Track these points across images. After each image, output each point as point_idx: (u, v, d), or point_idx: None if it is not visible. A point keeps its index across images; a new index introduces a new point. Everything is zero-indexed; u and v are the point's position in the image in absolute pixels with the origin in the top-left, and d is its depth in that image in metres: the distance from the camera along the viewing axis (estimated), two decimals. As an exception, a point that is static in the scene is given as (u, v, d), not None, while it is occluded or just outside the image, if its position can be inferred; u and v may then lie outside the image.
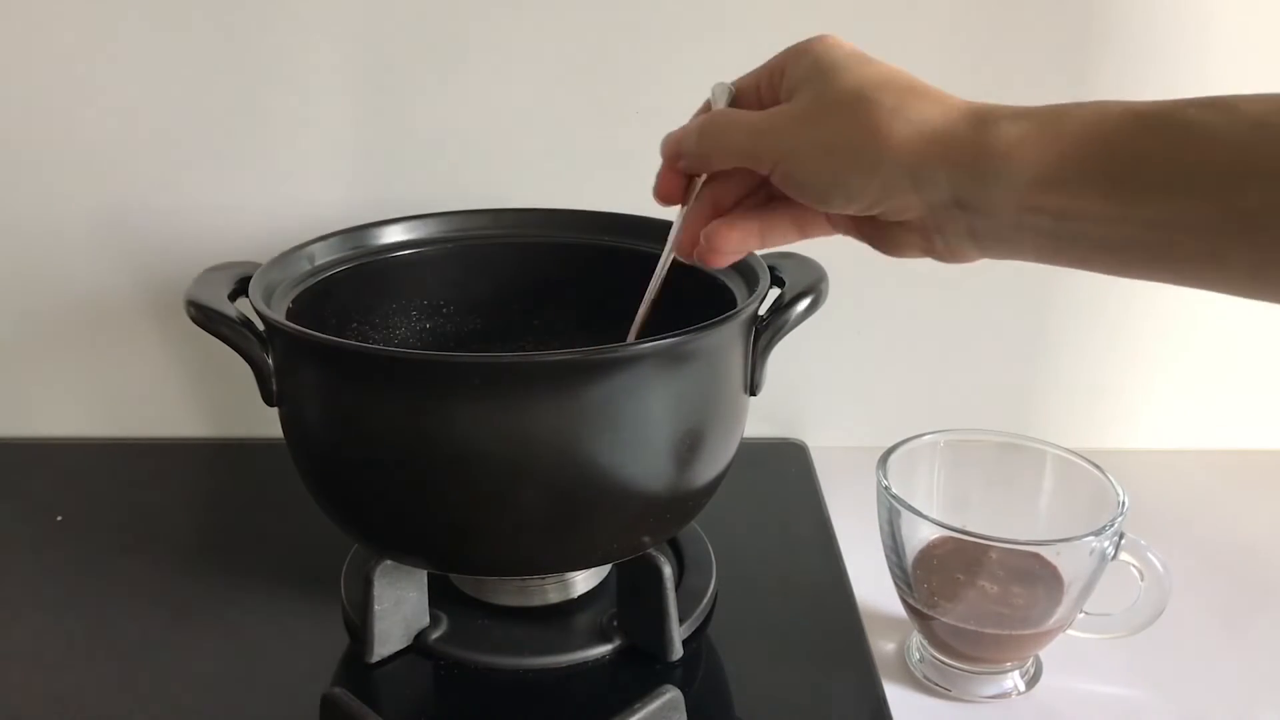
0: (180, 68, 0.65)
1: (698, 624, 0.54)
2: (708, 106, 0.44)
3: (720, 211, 0.44)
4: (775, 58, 0.42)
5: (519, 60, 0.66)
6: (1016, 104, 0.36)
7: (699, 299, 0.52)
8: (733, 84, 0.44)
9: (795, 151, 0.39)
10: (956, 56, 0.65)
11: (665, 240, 0.48)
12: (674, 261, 0.49)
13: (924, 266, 0.70)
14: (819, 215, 0.42)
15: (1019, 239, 0.37)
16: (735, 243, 0.43)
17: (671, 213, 0.59)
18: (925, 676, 0.52)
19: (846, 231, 0.43)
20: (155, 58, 0.65)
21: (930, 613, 0.49)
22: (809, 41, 0.40)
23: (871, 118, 0.37)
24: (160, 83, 0.66)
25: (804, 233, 0.44)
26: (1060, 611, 0.48)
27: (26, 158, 0.67)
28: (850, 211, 0.39)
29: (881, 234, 0.41)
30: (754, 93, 0.43)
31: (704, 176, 0.45)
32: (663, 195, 0.45)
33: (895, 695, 0.51)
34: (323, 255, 0.56)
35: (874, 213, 0.39)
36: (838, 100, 0.38)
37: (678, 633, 0.51)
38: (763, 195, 0.44)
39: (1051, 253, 0.36)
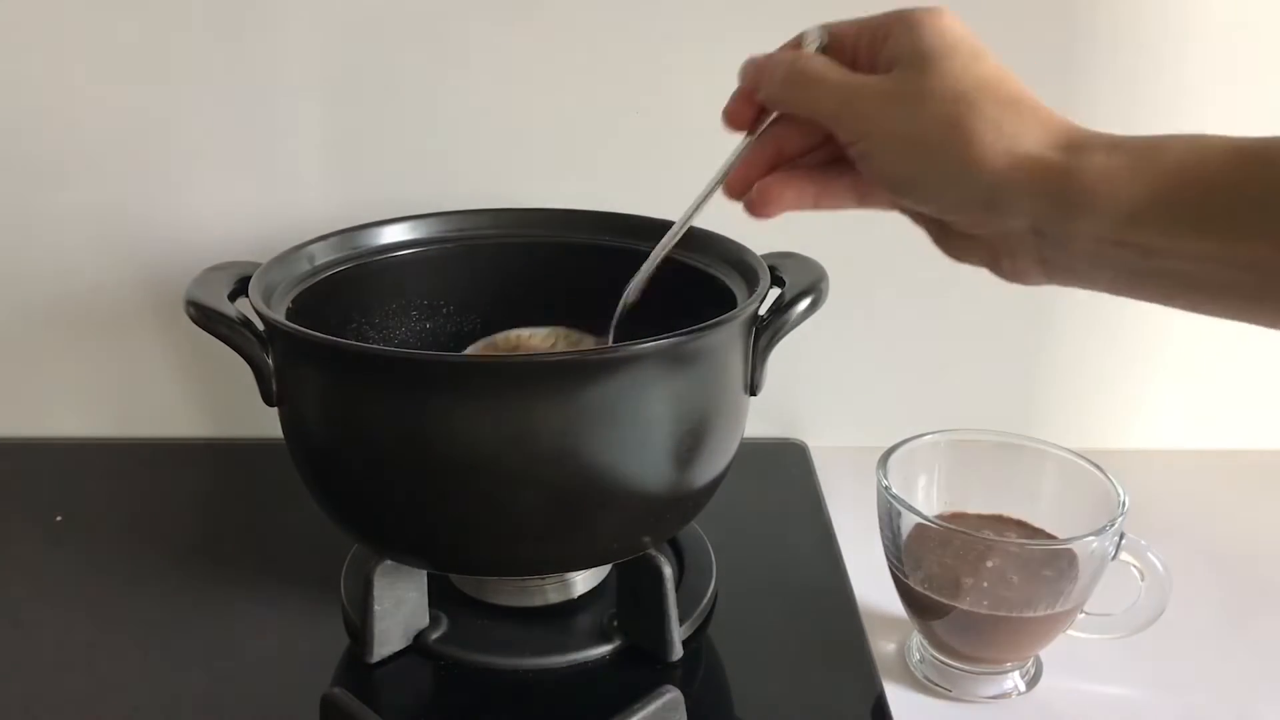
0: (180, 68, 0.65)
1: (698, 624, 0.54)
2: (798, 42, 0.41)
3: (783, 156, 0.42)
4: (880, 16, 0.38)
5: (519, 60, 0.66)
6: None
7: (699, 299, 0.52)
8: (827, 28, 0.40)
9: (879, 134, 0.37)
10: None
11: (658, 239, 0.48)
12: (670, 259, 0.49)
13: (924, 267, 0.70)
14: (883, 191, 0.40)
15: (1094, 272, 0.35)
16: (788, 201, 0.41)
17: (668, 211, 0.59)
18: (925, 676, 0.52)
19: (908, 214, 0.40)
20: (155, 58, 0.65)
21: (935, 596, 0.49)
22: (921, 12, 0.37)
23: (967, 125, 0.34)
24: (160, 83, 0.66)
25: (863, 203, 0.42)
26: (1061, 605, 0.48)
27: (26, 158, 0.67)
28: (922, 210, 0.38)
29: (945, 235, 0.39)
30: (850, 45, 0.40)
31: (775, 113, 0.42)
32: (731, 121, 0.43)
33: (895, 695, 0.51)
34: (323, 255, 0.56)
35: (945, 219, 0.37)
36: (938, 94, 0.35)
37: (678, 633, 0.51)
38: (830, 151, 0.41)
39: (1128, 287, 0.35)
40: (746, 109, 0.42)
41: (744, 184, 0.42)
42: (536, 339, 0.55)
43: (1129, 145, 0.33)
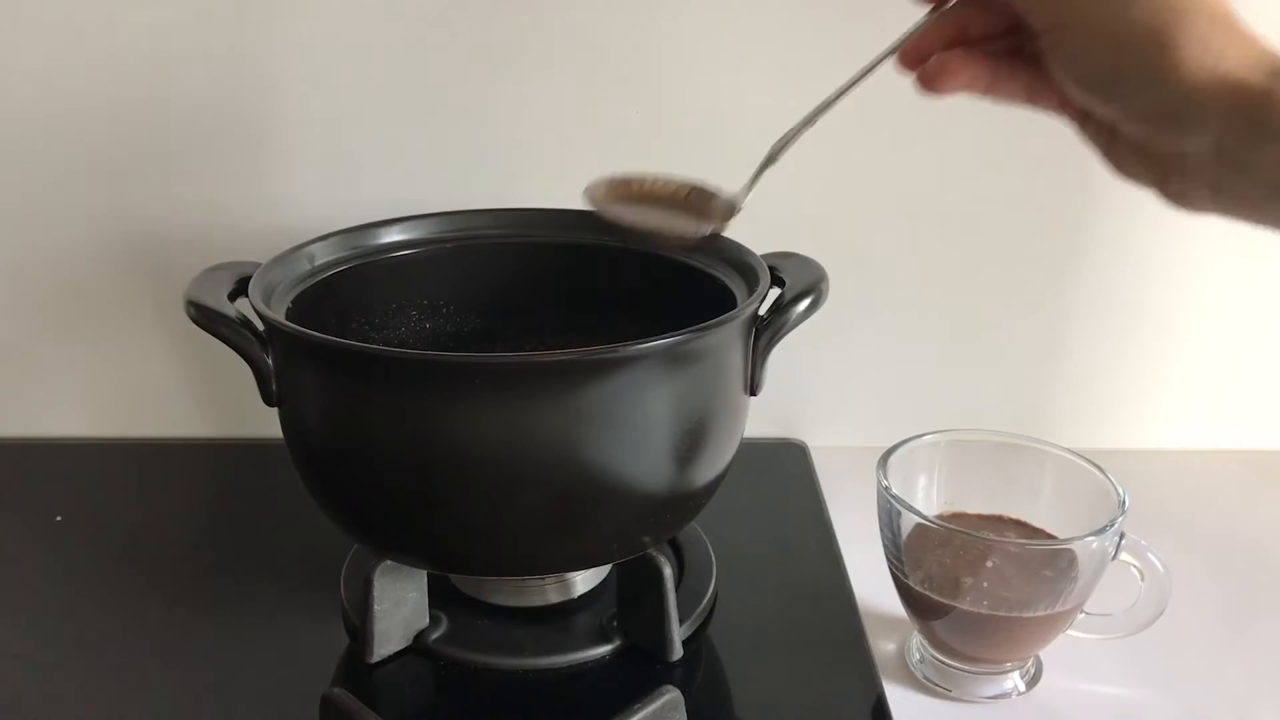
0: (180, 67, 0.65)
1: (698, 624, 0.54)
2: None
3: (962, 37, 0.41)
4: None
5: (519, 60, 0.66)
6: None
7: (699, 299, 0.52)
8: None
9: (1080, 26, 0.36)
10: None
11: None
12: (670, 259, 0.49)
13: (924, 267, 0.70)
14: (1054, 91, 0.39)
15: (1268, 203, 0.35)
16: (963, 80, 0.41)
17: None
18: (925, 676, 0.52)
19: (1075, 121, 0.40)
20: (155, 57, 0.65)
21: (935, 596, 0.49)
22: None
23: (1172, 33, 0.34)
24: (160, 82, 0.66)
25: (1031, 100, 0.41)
26: (1061, 605, 0.48)
27: (26, 157, 0.67)
28: (1101, 112, 0.37)
29: (1115, 144, 0.38)
30: None
31: None
32: None
33: (895, 695, 0.51)
34: (323, 255, 0.56)
35: (1125, 126, 0.37)
36: (1148, 1, 0.35)
37: (678, 633, 0.51)
38: (1010, 43, 0.41)
39: None
40: None
41: (919, 56, 0.41)
42: (671, 187, 0.50)
43: None
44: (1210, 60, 0.34)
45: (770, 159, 0.46)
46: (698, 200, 0.50)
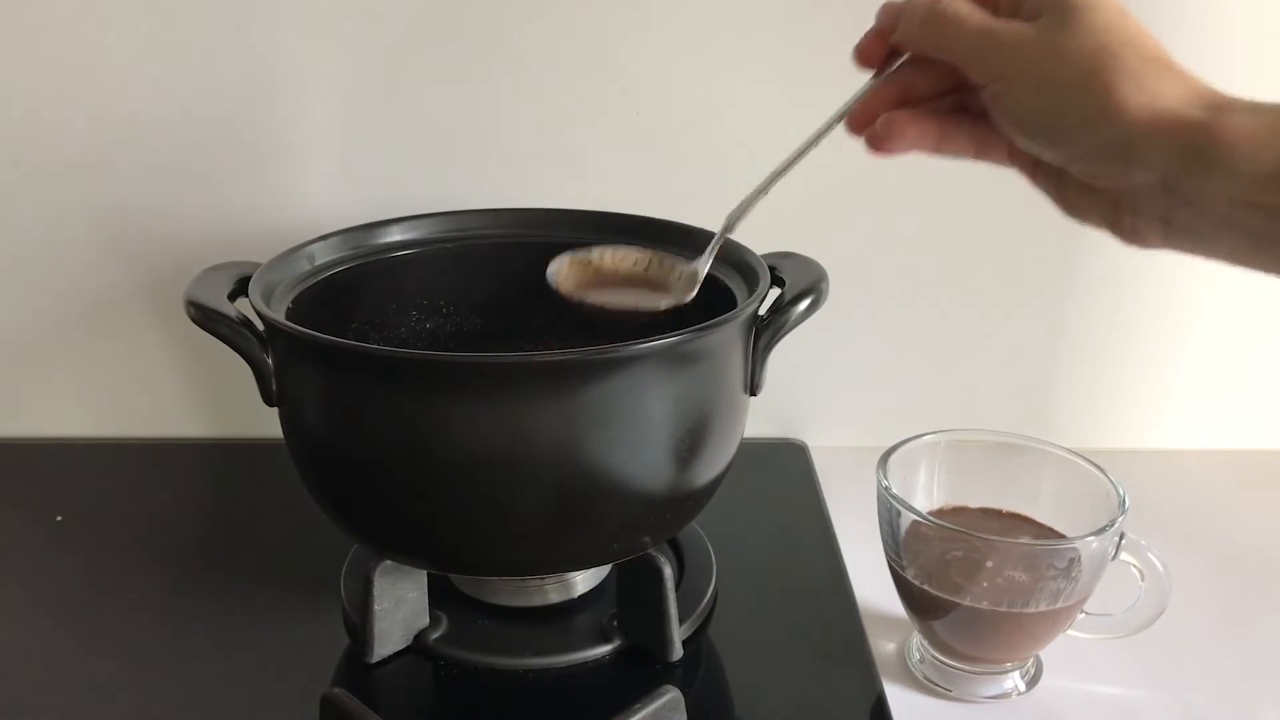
0: (180, 67, 0.65)
1: (698, 624, 0.54)
2: None
3: (907, 99, 0.42)
4: None
5: (519, 60, 0.66)
6: None
7: (699, 299, 0.52)
8: None
9: (1020, 75, 0.37)
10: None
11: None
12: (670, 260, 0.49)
13: (924, 267, 0.70)
14: (1002, 142, 0.41)
15: (1218, 235, 0.36)
16: (911, 139, 0.42)
17: (668, 211, 0.60)
18: (925, 676, 0.52)
19: (1025, 171, 0.41)
20: (155, 58, 0.65)
21: (935, 594, 0.49)
22: None
23: (1109, 74, 0.35)
24: (160, 82, 0.66)
25: (980, 154, 0.42)
26: (1061, 604, 0.48)
27: (27, 157, 0.67)
28: (1049, 156, 0.38)
29: (1065, 188, 0.39)
30: None
31: (907, 55, 0.42)
32: (862, 58, 0.43)
33: (895, 695, 0.51)
34: (323, 255, 0.56)
35: (1073, 168, 0.38)
36: (1081, 44, 0.36)
37: (678, 633, 0.51)
38: (955, 100, 0.42)
39: (1248, 253, 0.35)
40: (878, 48, 0.42)
41: (867, 118, 0.42)
42: (630, 260, 0.51)
43: (1271, 108, 0.34)
44: (1148, 99, 0.35)
45: (727, 228, 0.47)
46: (659, 272, 0.51)
